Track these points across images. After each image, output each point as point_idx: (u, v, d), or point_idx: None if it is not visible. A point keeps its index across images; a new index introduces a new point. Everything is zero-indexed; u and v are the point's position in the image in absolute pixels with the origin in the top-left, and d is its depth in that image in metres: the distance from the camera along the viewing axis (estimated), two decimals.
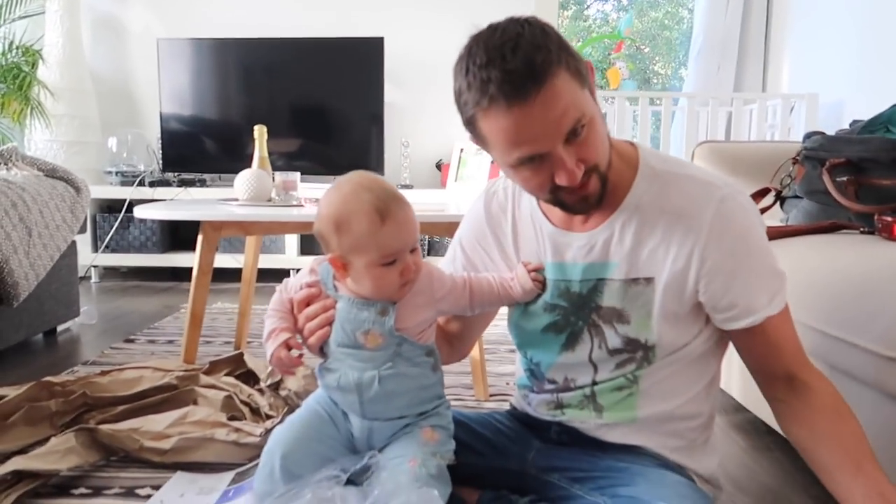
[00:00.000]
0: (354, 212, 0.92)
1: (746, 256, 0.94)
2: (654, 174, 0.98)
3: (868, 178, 1.58)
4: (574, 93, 0.85)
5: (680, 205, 0.95)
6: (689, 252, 0.94)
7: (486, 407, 1.80)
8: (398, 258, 0.93)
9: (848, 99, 3.19)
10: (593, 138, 0.89)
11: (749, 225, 0.95)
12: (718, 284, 0.94)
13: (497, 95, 0.83)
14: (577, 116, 0.86)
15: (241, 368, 1.80)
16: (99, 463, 1.40)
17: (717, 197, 0.94)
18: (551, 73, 0.83)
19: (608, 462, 1.02)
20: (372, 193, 0.92)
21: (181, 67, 3.77)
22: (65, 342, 2.45)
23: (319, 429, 1.02)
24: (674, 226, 0.95)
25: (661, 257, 0.96)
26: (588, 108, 0.88)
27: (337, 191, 0.96)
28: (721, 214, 0.93)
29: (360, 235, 0.91)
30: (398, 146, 3.84)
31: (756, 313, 0.95)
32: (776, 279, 0.97)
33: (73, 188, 2.47)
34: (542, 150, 0.87)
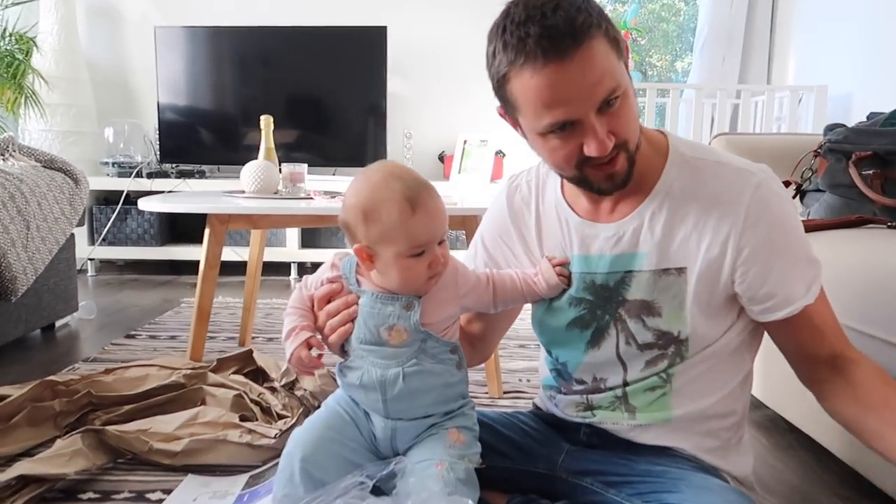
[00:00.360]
0: (384, 200, 0.88)
1: (784, 244, 0.92)
2: (685, 161, 0.95)
3: (894, 171, 1.55)
4: (611, 61, 0.84)
5: (714, 191, 0.92)
6: (725, 239, 0.91)
7: (499, 404, 1.76)
8: (427, 249, 0.90)
9: (856, 91, 3.16)
10: (626, 112, 0.87)
11: (786, 212, 0.93)
12: (756, 274, 0.91)
13: (534, 50, 0.81)
14: (612, 85, 0.84)
15: (250, 366, 1.75)
16: (107, 466, 1.36)
17: (754, 183, 0.91)
18: (590, 36, 0.81)
19: (644, 466, 0.98)
20: (402, 182, 0.89)
21: (179, 56, 3.70)
22: (63, 338, 2.40)
23: (341, 430, 0.98)
24: (708, 213, 0.92)
25: (693, 246, 0.93)
26: (623, 79, 0.86)
27: (365, 179, 0.91)
28: (758, 200, 0.90)
29: (390, 225, 0.88)
30: (400, 137, 3.79)
31: (794, 303, 0.92)
32: (812, 267, 0.94)
33: (72, 179, 2.41)
34: (575, 115, 0.84)
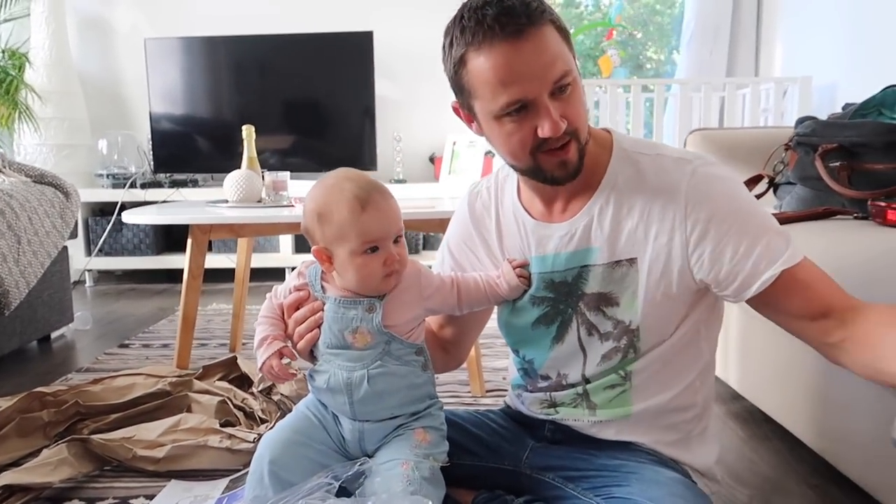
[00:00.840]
0: (336, 200, 0.93)
1: (732, 222, 0.91)
2: (627, 156, 0.99)
3: (861, 163, 1.56)
4: (563, 48, 0.89)
5: (655, 182, 0.96)
6: (671, 227, 0.94)
7: (482, 403, 1.79)
8: (380, 246, 0.94)
9: (841, 81, 3.16)
10: (576, 101, 0.91)
11: (726, 189, 0.94)
12: (710, 255, 0.92)
13: (492, 27, 0.85)
14: (565, 69, 0.88)
15: (235, 372, 1.79)
16: (92, 473, 1.39)
17: (689, 170, 0.94)
18: (543, 21, 0.87)
19: (602, 460, 1.01)
20: (354, 183, 0.94)
21: (170, 66, 3.74)
22: (59, 349, 2.44)
23: (309, 433, 1.01)
24: (651, 203, 0.95)
25: (641, 236, 0.96)
26: (574, 68, 0.91)
27: (321, 184, 0.97)
28: (695, 185, 0.93)
29: (342, 223, 0.92)
30: (391, 140, 3.82)
31: (762, 275, 0.89)
32: (776, 237, 0.91)
33: (63, 193, 2.45)
34: (530, 95, 0.88)
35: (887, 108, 1.73)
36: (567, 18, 7.77)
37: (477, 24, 0.86)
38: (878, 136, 1.53)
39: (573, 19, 7.80)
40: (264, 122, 3.53)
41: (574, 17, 7.88)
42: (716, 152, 2.05)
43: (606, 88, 3.47)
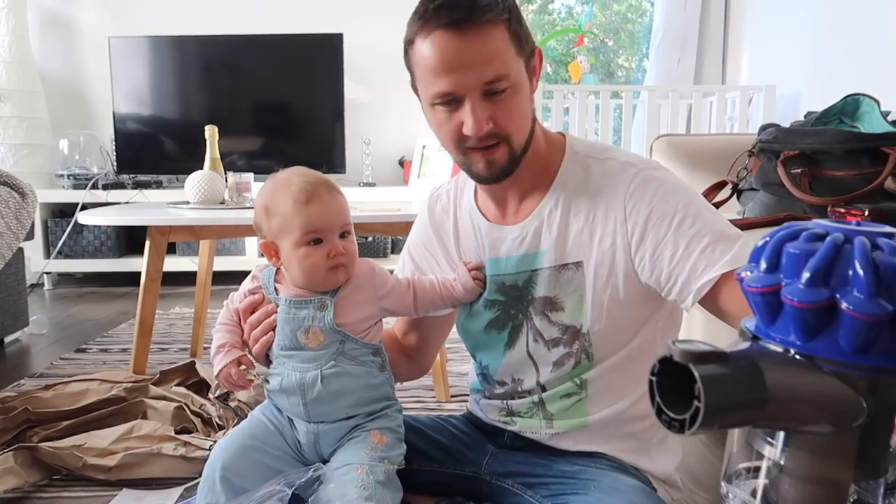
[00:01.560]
0: (281, 194, 0.95)
1: (670, 222, 0.89)
2: (578, 159, 0.99)
3: (822, 169, 1.58)
4: (506, 51, 0.88)
5: (600, 185, 0.95)
6: (613, 229, 0.93)
7: (446, 408, 1.77)
8: (324, 238, 0.94)
9: (805, 90, 3.22)
10: (512, 106, 0.90)
11: (665, 191, 0.92)
12: (650, 257, 0.91)
13: (433, 15, 0.86)
14: (501, 72, 0.88)
15: (194, 378, 1.75)
16: (40, 483, 1.35)
17: (632, 173, 0.94)
18: (489, 20, 0.86)
19: (561, 466, 1.00)
20: (302, 178, 0.95)
21: (135, 66, 3.67)
22: (13, 354, 2.36)
23: (263, 439, 0.99)
24: (596, 207, 0.95)
25: (586, 240, 0.95)
26: (516, 74, 0.90)
27: (271, 180, 0.99)
28: (635, 188, 0.93)
29: (285, 214, 0.94)
30: (360, 143, 3.79)
31: (700, 279, 0.85)
32: (719, 239, 0.87)
33: (18, 193, 2.37)
34: (460, 90, 0.88)
35: (847, 116, 1.76)
36: (539, 25, 7.82)
37: (424, 10, 0.87)
38: (839, 143, 1.55)
39: (545, 26, 7.85)
40: (232, 124, 3.49)
41: (546, 23, 7.94)
42: (681, 158, 2.06)
43: (576, 94, 3.49)
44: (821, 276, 0.44)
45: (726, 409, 0.42)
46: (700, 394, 0.41)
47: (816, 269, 0.44)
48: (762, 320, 0.48)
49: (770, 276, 0.47)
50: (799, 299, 0.44)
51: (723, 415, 0.42)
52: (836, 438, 0.45)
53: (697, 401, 0.41)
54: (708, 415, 0.41)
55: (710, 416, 0.41)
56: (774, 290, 0.46)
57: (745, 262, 0.83)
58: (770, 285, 0.47)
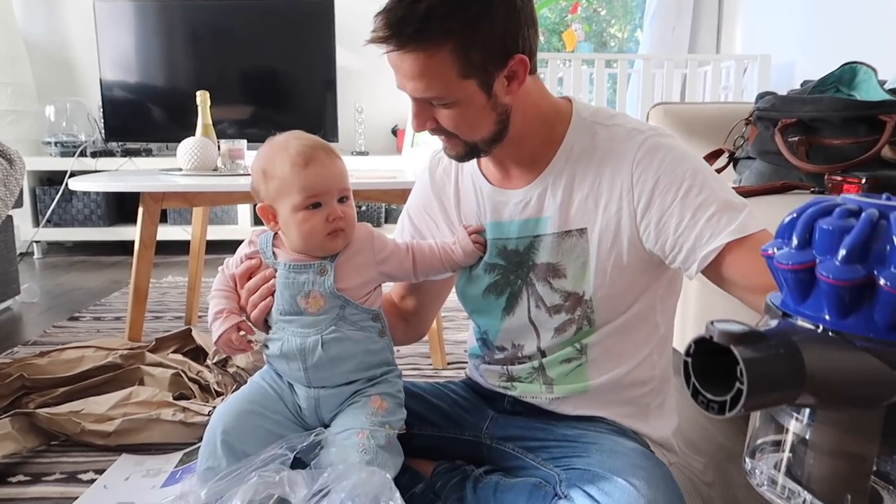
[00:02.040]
0: (279, 157, 0.93)
1: (676, 190, 0.88)
2: (585, 125, 0.97)
3: (819, 137, 1.58)
4: (440, 74, 0.85)
5: (606, 152, 0.94)
6: (619, 196, 0.93)
7: (443, 375, 1.78)
8: (323, 202, 0.93)
9: (799, 59, 3.21)
10: (455, 116, 0.90)
11: (673, 158, 0.90)
12: (655, 225, 0.90)
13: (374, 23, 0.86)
14: (430, 94, 0.87)
15: (190, 345, 1.74)
16: (38, 448, 1.35)
17: (639, 140, 0.93)
18: (417, 48, 0.84)
19: (562, 430, 1.00)
20: (299, 142, 0.94)
21: (122, 31, 3.59)
22: (4, 322, 2.35)
23: (263, 403, 0.99)
24: (601, 173, 0.94)
25: (591, 207, 0.95)
26: (456, 93, 0.87)
27: (268, 143, 0.97)
28: (643, 155, 0.91)
29: (284, 177, 0.93)
30: (352, 112, 3.75)
31: (705, 248, 0.85)
32: (725, 208, 0.86)
33: (6, 160, 2.33)
34: (409, 94, 0.89)
35: (844, 84, 1.76)
36: None
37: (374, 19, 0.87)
38: (836, 111, 1.55)
39: None
40: (222, 91, 3.43)
41: None
42: (677, 126, 2.05)
43: (570, 63, 3.46)
44: (857, 253, 0.44)
45: (768, 389, 0.42)
46: (743, 375, 0.40)
47: (853, 246, 0.44)
48: (792, 297, 0.48)
49: (803, 252, 0.47)
50: (836, 276, 0.44)
51: (764, 395, 0.42)
52: (862, 414, 0.45)
53: (740, 382, 0.41)
54: (750, 396, 0.40)
55: (752, 397, 0.41)
56: (808, 268, 0.46)
57: (750, 230, 0.86)
58: (803, 262, 0.46)
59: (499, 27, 0.85)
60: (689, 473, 1.29)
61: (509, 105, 0.91)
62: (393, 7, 0.84)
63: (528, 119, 0.95)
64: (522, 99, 0.92)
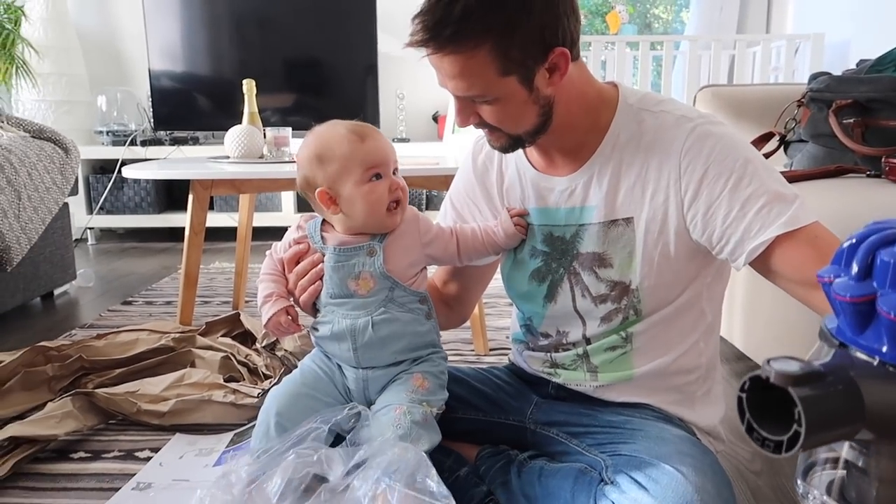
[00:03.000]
0: (334, 139, 0.96)
1: (725, 180, 0.87)
2: (632, 111, 0.95)
3: (876, 119, 1.53)
4: (480, 73, 0.85)
5: (654, 139, 0.92)
6: (666, 186, 0.91)
7: (485, 361, 1.79)
8: (383, 174, 0.96)
9: (854, 38, 3.10)
10: (497, 111, 0.90)
11: (723, 147, 0.88)
12: (703, 216, 0.89)
13: (412, 25, 0.87)
14: (471, 92, 0.88)
15: (238, 329, 1.79)
16: (97, 427, 1.40)
17: (688, 128, 0.90)
18: (456, 49, 0.84)
19: (607, 416, 1.00)
20: (345, 124, 0.98)
21: (169, 22, 3.66)
22: (63, 305, 2.44)
23: (315, 386, 1.02)
24: (649, 162, 0.92)
25: (638, 196, 0.93)
26: (497, 90, 0.87)
27: (312, 134, 1.00)
28: (692, 144, 0.89)
29: (344, 156, 0.95)
30: (394, 98, 3.76)
31: (754, 241, 0.84)
32: (776, 200, 0.85)
33: (62, 149, 2.42)
34: (448, 89, 0.90)
35: None
36: None
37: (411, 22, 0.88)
38: (895, 91, 1.49)
39: None
40: (265, 80, 3.47)
41: None
42: (726, 109, 2.01)
43: (614, 46, 3.40)
44: None
45: (827, 428, 0.41)
46: (801, 417, 0.40)
47: None
48: (850, 328, 0.46)
49: (863, 284, 0.45)
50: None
51: (823, 434, 0.41)
52: None
53: (798, 425, 0.40)
54: (808, 437, 0.40)
55: (810, 437, 0.40)
56: (868, 301, 0.44)
57: (801, 223, 0.84)
58: (863, 295, 0.45)
59: (537, 22, 0.84)
60: (737, 462, 1.28)
61: (552, 96, 0.91)
62: (430, 9, 0.84)
63: (572, 108, 0.94)
64: (566, 88, 0.91)
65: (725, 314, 1.70)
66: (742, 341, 1.71)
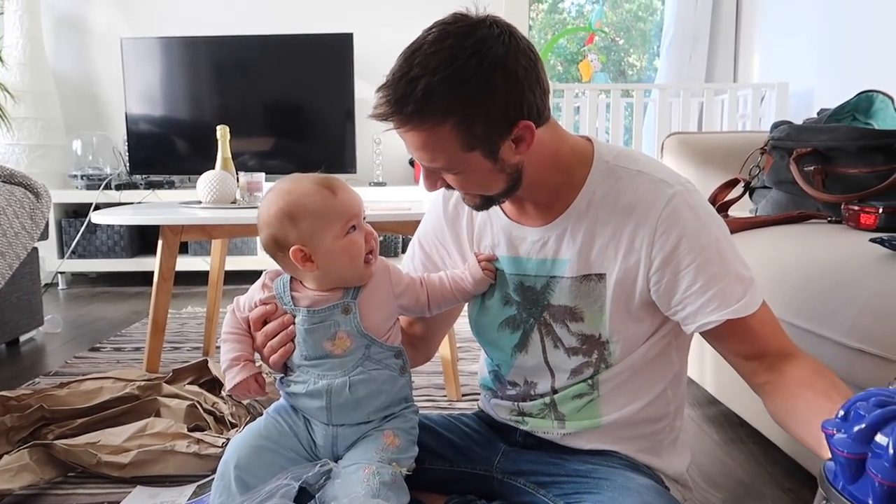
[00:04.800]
0: (305, 195, 0.93)
1: (696, 254, 0.90)
2: (608, 169, 0.96)
3: (835, 167, 1.57)
4: (443, 148, 0.86)
5: (631, 201, 0.93)
6: (638, 248, 0.92)
7: (457, 407, 1.77)
8: (357, 224, 0.95)
9: (817, 87, 3.20)
10: (463, 180, 0.91)
11: (699, 222, 0.91)
12: (667, 282, 0.92)
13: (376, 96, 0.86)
14: (435, 164, 0.88)
15: (206, 376, 1.75)
16: (55, 480, 1.36)
17: (668, 194, 0.92)
18: (418, 125, 0.84)
19: (574, 465, 0.99)
20: (311, 178, 0.96)
21: (147, 67, 3.69)
22: (28, 352, 2.39)
23: (278, 440, 0.99)
24: (625, 222, 0.93)
25: (612, 253, 0.94)
26: (462, 165, 0.88)
27: (275, 193, 0.96)
28: (669, 213, 0.91)
29: (319, 211, 0.92)
30: (370, 143, 3.80)
31: (706, 318, 0.90)
32: (735, 283, 0.90)
33: (33, 194, 2.39)
34: None
35: (861, 112, 1.75)
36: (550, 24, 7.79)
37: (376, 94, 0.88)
38: (852, 140, 1.54)
39: (556, 25, 7.84)
40: (243, 124, 3.51)
41: (557, 22, 7.92)
42: (692, 156, 2.05)
43: (586, 93, 3.48)
44: None
45: None
46: None
47: None
48: (843, 476, 0.55)
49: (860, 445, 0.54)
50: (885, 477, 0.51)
51: None
52: None
53: None
54: None
55: None
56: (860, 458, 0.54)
57: (751, 309, 0.91)
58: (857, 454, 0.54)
59: (500, 99, 0.83)
60: None
61: (520, 163, 0.91)
62: (392, 84, 0.84)
63: (543, 168, 0.94)
64: (536, 152, 0.90)
65: (696, 358, 1.70)
66: (714, 386, 1.72)
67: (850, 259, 1.22)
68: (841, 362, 1.13)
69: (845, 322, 1.11)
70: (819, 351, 1.19)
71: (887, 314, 1.04)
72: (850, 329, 1.09)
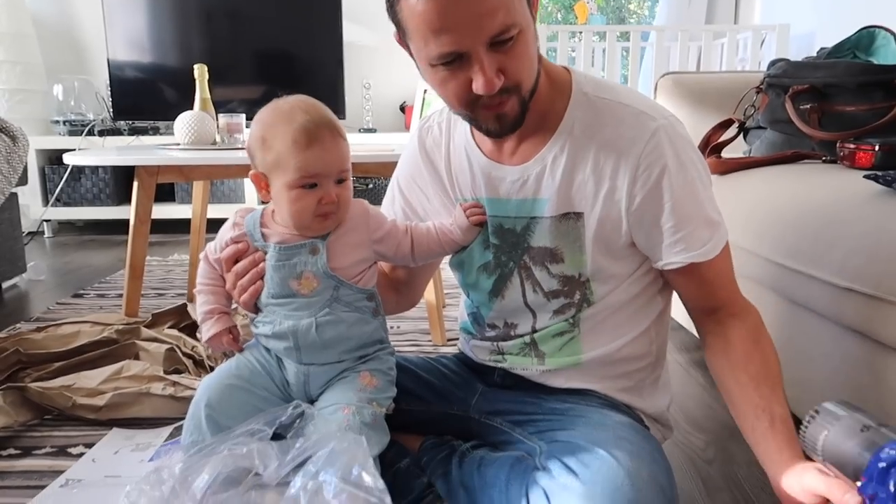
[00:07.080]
0: (283, 128, 0.88)
1: (671, 193, 0.87)
2: (588, 101, 0.91)
3: (832, 104, 1.52)
4: None
5: (612, 134, 0.88)
6: (621, 186, 0.89)
7: (442, 352, 1.74)
8: (319, 183, 0.89)
9: (820, 29, 3.10)
10: (521, 53, 0.82)
11: (679, 163, 0.87)
12: (642, 220, 0.89)
13: None
14: (507, 22, 0.78)
15: (186, 320, 1.73)
16: (30, 422, 1.34)
17: (651, 128, 0.87)
18: None
19: (551, 404, 0.97)
20: (306, 115, 0.89)
21: (129, 9, 3.55)
22: (11, 299, 2.36)
23: (250, 379, 0.96)
24: (605, 157, 0.89)
25: (591, 191, 0.90)
26: (522, 18, 0.80)
27: (274, 107, 0.92)
28: (652, 149, 0.86)
29: (281, 152, 0.88)
30: (360, 88, 3.71)
31: (670, 258, 0.90)
32: (703, 227, 0.89)
33: (9, 137, 2.32)
34: (463, 47, 0.78)
35: (861, 50, 1.69)
36: None
37: None
38: (851, 76, 1.48)
39: None
40: (231, 71, 3.42)
41: None
42: (687, 97, 1.99)
43: (581, 36, 3.37)
44: None
45: None
46: None
47: None
48: None
49: None
50: None
51: None
52: None
53: None
54: None
55: None
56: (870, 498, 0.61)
57: (716, 252, 0.90)
58: None
59: None
60: (689, 451, 1.25)
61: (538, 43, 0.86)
62: None
63: (541, 78, 0.89)
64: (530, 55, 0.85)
65: None
66: None
67: (842, 198, 1.19)
68: (830, 303, 1.10)
69: (835, 261, 1.08)
70: (808, 292, 1.16)
71: (878, 253, 1.01)
72: (839, 268, 1.06)
